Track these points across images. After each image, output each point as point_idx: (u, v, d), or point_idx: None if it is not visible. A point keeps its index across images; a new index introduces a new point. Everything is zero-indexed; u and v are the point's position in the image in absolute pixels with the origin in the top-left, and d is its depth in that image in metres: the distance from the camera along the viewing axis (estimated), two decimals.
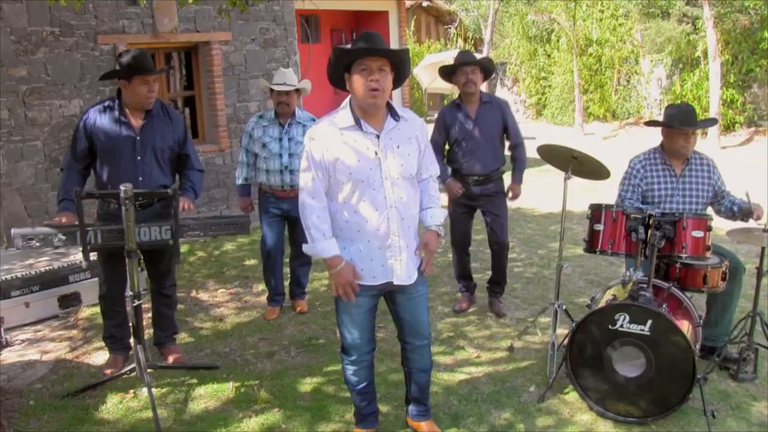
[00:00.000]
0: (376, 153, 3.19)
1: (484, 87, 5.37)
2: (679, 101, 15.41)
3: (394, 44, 12.47)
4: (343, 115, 3.23)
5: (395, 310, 3.51)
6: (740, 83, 14.82)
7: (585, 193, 7.40)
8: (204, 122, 9.76)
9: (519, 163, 5.47)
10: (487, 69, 5.33)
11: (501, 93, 22.57)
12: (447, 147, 5.50)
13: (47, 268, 5.99)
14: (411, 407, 3.77)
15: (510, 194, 5.48)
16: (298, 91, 5.39)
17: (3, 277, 5.72)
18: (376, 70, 3.10)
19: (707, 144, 14.25)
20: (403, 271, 3.31)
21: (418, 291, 3.44)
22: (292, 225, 5.54)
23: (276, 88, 5.28)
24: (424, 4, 21.39)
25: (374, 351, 3.59)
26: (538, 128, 18.92)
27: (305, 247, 3.35)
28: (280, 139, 5.31)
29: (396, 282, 3.32)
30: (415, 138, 3.33)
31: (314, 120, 5.40)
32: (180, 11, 8.85)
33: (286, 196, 5.35)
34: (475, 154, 5.31)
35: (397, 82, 3.29)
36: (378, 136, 3.21)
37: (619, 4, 17.50)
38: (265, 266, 5.63)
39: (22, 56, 7.86)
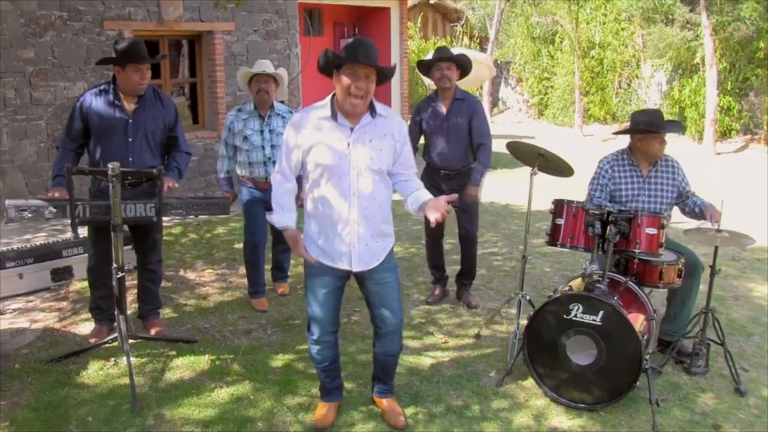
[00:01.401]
0: (348, 144, 3.41)
1: (487, 85, 5.49)
2: (677, 106, 15.62)
3: (395, 39, 12.64)
4: (324, 105, 3.48)
5: (366, 295, 3.71)
6: (737, 91, 14.96)
7: (574, 193, 7.58)
8: (204, 109, 9.98)
9: (479, 164, 5.44)
10: (463, 65, 5.41)
11: (504, 92, 22.73)
12: (422, 141, 5.62)
13: (43, 242, 6.23)
14: (375, 385, 3.98)
15: (464, 196, 5.40)
16: (275, 81, 5.44)
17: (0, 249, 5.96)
18: (363, 77, 3.33)
19: (702, 149, 14.41)
20: (358, 258, 3.52)
21: (385, 278, 3.63)
22: None
23: (255, 70, 5.36)
24: (432, 1, 21.52)
25: (337, 332, 3.77)
26: (538, 128, 19.09)
27: (267, 215, 3.67)
28: (262, 131, 5.39)
29: (352, 269, 3.54)
30: (390, 135, 3.52)
31: (291, 112, 5.58)
32: (185, 0, 9.07)
33: (268, 187, 5.36)
34: (445, 149, 5.43)
35: (379, 83, 3.49)
36: (352, 129, 3.43)
37: (622, 9, 17.62)
38: (250, 258, 5.63)
39: (30, 38, 8.10)
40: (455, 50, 5.66)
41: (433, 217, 3.35)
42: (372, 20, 12.60)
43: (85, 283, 5.93)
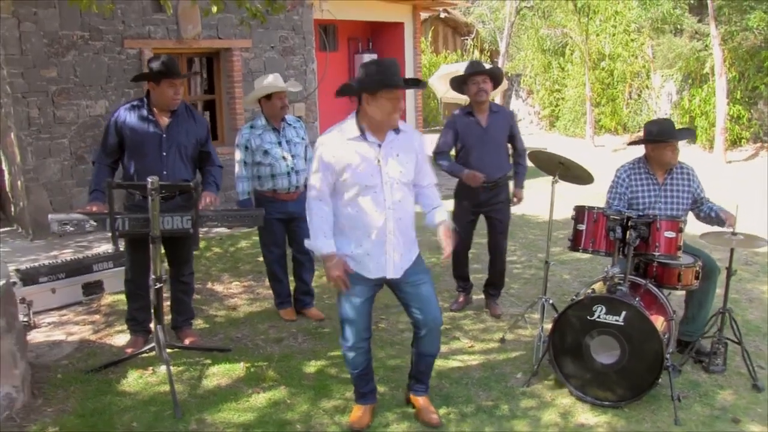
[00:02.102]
0: (378, 160, 3.62)
1: (499, 97, 5.66)
2: (687, 116, 15.75)
3: (408, 54, 12.85)
4: (350, 125, 3.68)
5: (403, 299, 3.88)
6: (746, 100, 15.09)
7: (589, 203, 7.73)
8: (224, 125, 10.19)
9: (522, 169, 5.73)
10: (497, 78, 5.55)
11: (515, 104, 22.90)
12: (456, 153, 5.75)
13: (72, 257, 6.42)
14: (412, 383, 4.15)
15: (514, 199, 5.76)
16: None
17: (32, 265, 6.15)
18: (401, 97, 3.60)
19: (713, 157, 14.52)
20: (396, 266, 3.73)
21: (420, 279, 3.81)
22: (295, 227, 5.57)
23: (276, 86, 5.42)
24: (442, 15, 21.75)
25: (370, 338, 3.94)
26: (550, 139, 19.23)
27: (306, 242, 3.79)
28: (279, 143, 5.45)
29: (389, 276, 3.74)
30: (413, 149, 3.75)
31: (299, 121, 5.72)
32: (203, 19, 9.30)
33: (291, 198, 5.50)
34: (485, 161, 5.50)
35: None
36: (380, 145, 3.64)
37: (632, 20, 17.80)
38: (273, 272, 5.74)
39: (53, 58, 8.34)
40: (465, 63, 5.80)
41: (448, 248, 3.70)
42: (386, 35, 12.82)
43: (117, 297, 6.15)
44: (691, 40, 16.34)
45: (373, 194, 3.63)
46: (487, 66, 5.67)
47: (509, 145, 5.76)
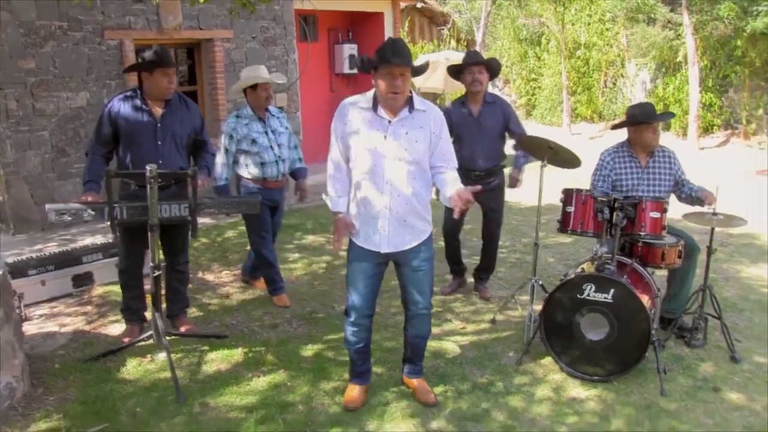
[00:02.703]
0: (385, 136, 3.71)
1: None
2: (661, 104, 16.00)
3: None
4: (368, 96, 3.80)
5: (400, 279, 4.01)
6: (718, 88, 15.38)
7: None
8: (206, 116, 10.17)
9: (521, 152, 5.71)
10: (493, 69, 5.66)
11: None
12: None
13: (61, 249, 6.43)
14: (405, 366, 4.28)
15: (509, 181, 5.81)
16: None
17: (20, 258, 6.16)
18: (398, 75, 3.63)
19: (687, 144, 14.79)
20: (387, 241, 3.82)
21: (421, 266, 3.92)
22: (276, 215, 5.86)
23: (260, 77, 5.56)
24: (418, 5, 21.77)
25: (372, 316, 4.05)
26: (527, 128, 19.26)
27: (323, 196, 4.00)
28: (266, 133, 5.61)
29: (382, 251, 3.84)
30: (427, 127, 3.77)
31: (281, 111, 5.89)
32: (185, 9, 9.30)
33: (277, 186, 5.69)
34: (476, 151, 5.63)
35: (414, 76, 3.82)
36: (390, 121, 3.72)
37: (607, 9, 18.01)
38: (263, 258, 5.82)
39: (30, 49, 8.22)
40: (443, 53, 5.93)
41: (457, 209, 3.61)
42: (366, 25, 12.86)
43: (108, 288, 6.20)
44: (663, 30, 16.59)
45: (374, 167, 3.72)
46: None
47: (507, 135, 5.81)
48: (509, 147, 5.78)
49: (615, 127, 5.44)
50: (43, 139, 8.48)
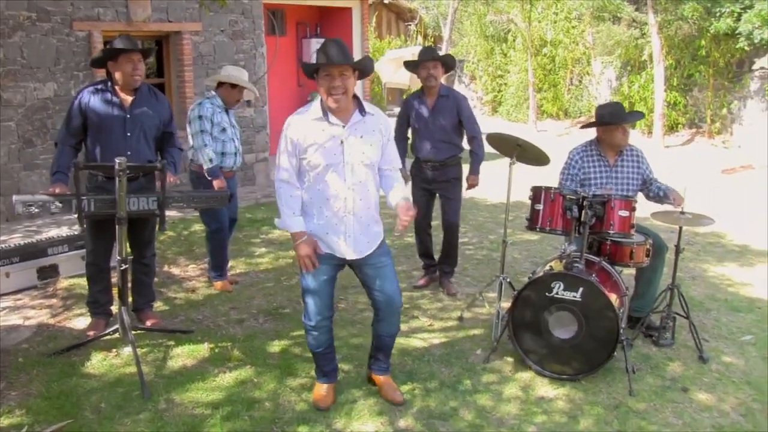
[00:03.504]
0: (341, 141, 3.67)
1: (442, 81, 5.83)
2: (626, 102, 16.21)
3: (356, 39, 12.87)
4: (315, 107, 3.73)
5: (364, 280, 3.95)
6: (682, 87, 15.64)
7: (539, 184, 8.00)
8: (173, 108, 10.03)
9: (475, 156, 5.90)
10: (448, 64, 5.81)
11: (458, 89, 22.99)
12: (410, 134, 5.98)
13: (26, 241, 6.31)
14: (373, 362, 4.24)
15: (467, 184, 5.93)
16: None
17: None
18: (338, 76, 3.59)
19: (652, 142, 15.00)
20: (355, 247, 3.79)
21: (381, 261, 3.89)
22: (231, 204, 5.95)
23: (239, 80, 5.78)
24: (386, 1, 21.81)
25: (332, 317, 4.00)
26: (493, 124, 19.50)
27: (276, 221, 3.86)
28: (232, 125, 5.87)
29: (348, 257, 3.80)
30: (378, 131, 3.79)
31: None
32: (153, 1, 9.18)
33: (231, 176, 5.90)
34: (430, 141, 5.79)
35: (362, 77, 3.80)
36: (343, 127, 3.68)
37: (573, 7, 18.18)
38: (219, 245, 5.99)
39: None
40: (410, 49, 6.03)
41: (400, 225, 3.67)
42: (334, 20, 12.82)
43: (73, 281, 6.10)
44: (629, 28, 16.80)
45: (334, 174, 3.68)
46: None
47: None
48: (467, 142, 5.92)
49: (584, 126, 5.49)
50: (9, 130, 8.34)
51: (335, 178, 3.69)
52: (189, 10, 9.54)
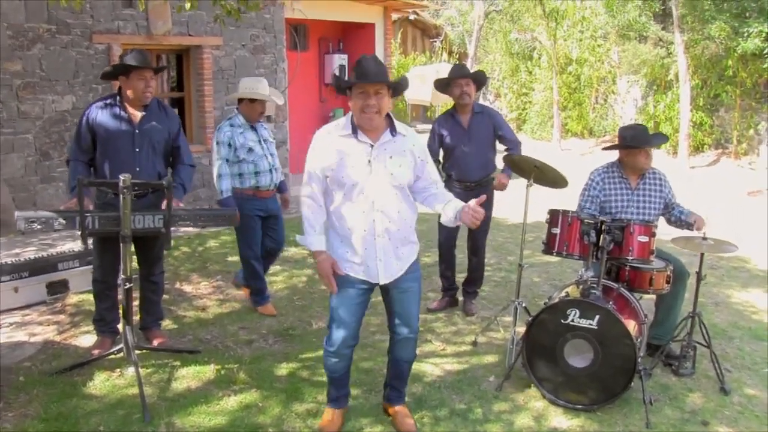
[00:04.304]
0: (369, 160, 3.53)
1: None
2: (651, 121, 15.99)
3: (379, 55, 12.68)
4: (344, 123, 3.61)
5: (387, 301, 3.81)
6: (709, 107, 15.39)
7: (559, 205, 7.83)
8: (192, 123, 10.07)
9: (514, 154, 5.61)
10: (479, 81, 5.67)
11: None
12: (442, 155, 5.83)
13: (37, 255, 6.26)
14: (389, 392, 4.08)
15: (495, 182, 5.73)
16: None
17: None
18: (373, 94, 3.46)
19: (677, 163, 14.76)
20: (384, 271, 3.63)
21: (409, 287, 3.74)
22: (273, 223, 5.78)
23: (261, 94, 5.55)
24: (411, 17, 21.79)
25: (354, 346, 3.84)
26: None
27: (298, 238, 3.75)
28: (259, 141, 5.59)
29: (380, 282, 3.66)
30: (410, 152, 3.63)
31: (264, 123, 5.86)
32: (174, 15, 9.17)
33: (269, 195, 5.66)
34: (466, 161, 5.63)
35: (395, 95, 3.68)
36: (372, 146, 3.55)
37: (598, 26, 18.01)
38: (255, 272, 5.75)
39: (17, 51, 8.14)
40: (434, 66, 5.90)
41: (472, 224, 3.52)
42: (357, 36, 12.76)
43: (82, 297, 6.03)
44: (655, 47, 16.60)
45: (362, 195, 3.54)
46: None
47: (498, 144, 5.80)
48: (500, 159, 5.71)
49: (606, 149, 5.33)
50: (26, 142, 8.36)
51: (363, 198, 3.54)
52: (210, 24, 9.51)
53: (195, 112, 10.03)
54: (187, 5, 5.66)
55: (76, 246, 6.92)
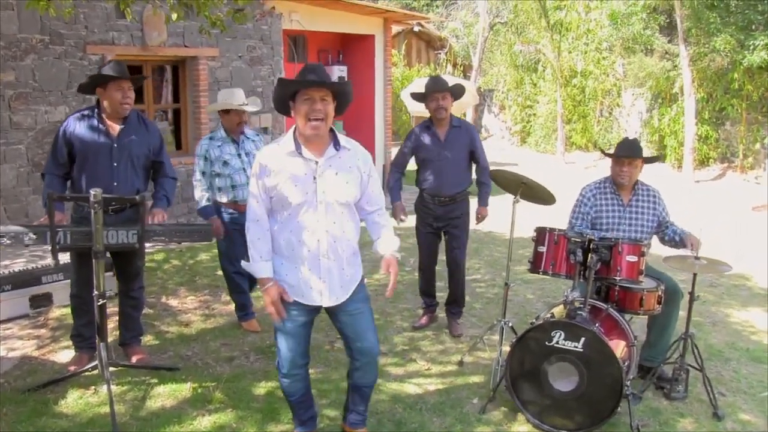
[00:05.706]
0: (314, 177, 3.39)
1: (471, 112, 5.58)
2: (656, 134, 15.85)
3: (379, 66, 12.72)
4: (287, 140, 3.44)
5: (338, 327, 3.66)
6: (714, 120, 15.23)
7: (558, 221, 7.67)
8: (188, 134, 9.99)
9: (485, 187, 5.61)
10: (457, 95, 5.50)
11: (487, 119, 22.92)
12: (416, 167, 5.69)
13: (21, 268, 6.17)
14: (350, 415, 3.92)
15: (478, 216, 5.65)
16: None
17: None
18: (319, 100, 3.31)
19: (682, 176, 14.60)
20: (329, 293, 3.49)
21: (357, 308, 3.58)
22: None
23: (234, 104, 5.40)
24: (416, 29, 21.73)
25: (308, 364, 3.71)
26: (521, 155, 19.26)
27: (244, 263, 3.57)
28: (239, 155, 5.43)
29: (324, 304, 3.51)
30: (356, 167, 3.49)
31: (258, 135, 5.70)
32: (169, 26, 9.10)
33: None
34: (442, 175, 5.48)
35: (339, 111, 3.48)
36: (317, 162, 3.40)
37: (603, 38, 17.90)
38: (237, 285, 5.66)
39: (10, 62, 8.08)
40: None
41: (391, 282, 3.50)
42: (356, 48, 12.69)
43: (65, 310, 5.92)
44: (661, 60, 16.47)
45: (307, 214, 3.40)
46: (452, 80, 5.56)
47: (471, 162, 5.67)
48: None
49: (606, 154, 5.20)
50: (19, 153, 8.29)
51: (308, 217, 3.40)
52: (206, 35, 9.43)
53: (191, 123, 9.96)
54: (174, 16, 5.57)
55: (64, 258, 6.83)
